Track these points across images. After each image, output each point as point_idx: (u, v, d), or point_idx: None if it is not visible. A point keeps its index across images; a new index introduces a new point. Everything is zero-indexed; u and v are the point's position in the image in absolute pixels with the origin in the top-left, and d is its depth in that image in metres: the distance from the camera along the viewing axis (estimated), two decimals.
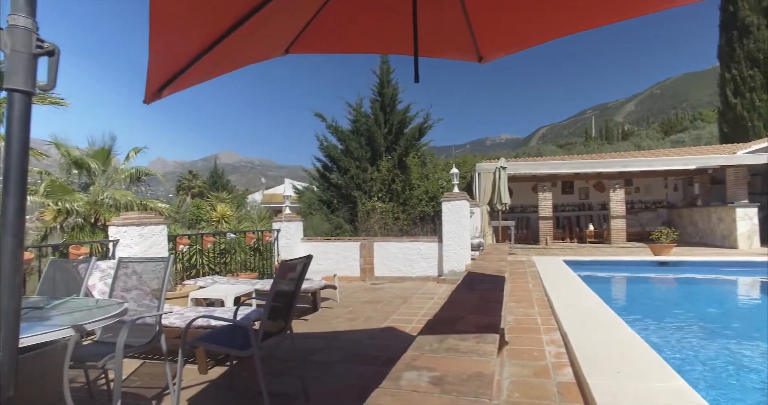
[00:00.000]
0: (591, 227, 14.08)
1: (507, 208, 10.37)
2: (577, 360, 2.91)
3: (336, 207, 13.39)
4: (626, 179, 14.11)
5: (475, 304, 2.46)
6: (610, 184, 12.98)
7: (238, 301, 4.75)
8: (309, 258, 2.97)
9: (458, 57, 2.51)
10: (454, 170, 8.76)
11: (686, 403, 2.22)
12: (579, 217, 15.42)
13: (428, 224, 11.80)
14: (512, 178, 13.40)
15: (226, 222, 11.36)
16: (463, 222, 8.08)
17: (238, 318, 3.34)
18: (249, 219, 12.70)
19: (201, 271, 7.60)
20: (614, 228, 12.83)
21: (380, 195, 12.90)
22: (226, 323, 3.19)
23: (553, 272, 6.90)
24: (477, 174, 11.63)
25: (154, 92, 1.73)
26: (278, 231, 8.99)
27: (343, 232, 12.72)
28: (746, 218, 10.64)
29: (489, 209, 10.56)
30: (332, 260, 8.95)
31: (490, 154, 51.17)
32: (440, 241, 8.29)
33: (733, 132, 18.44)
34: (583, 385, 2.61)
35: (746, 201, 11.04)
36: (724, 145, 15.63)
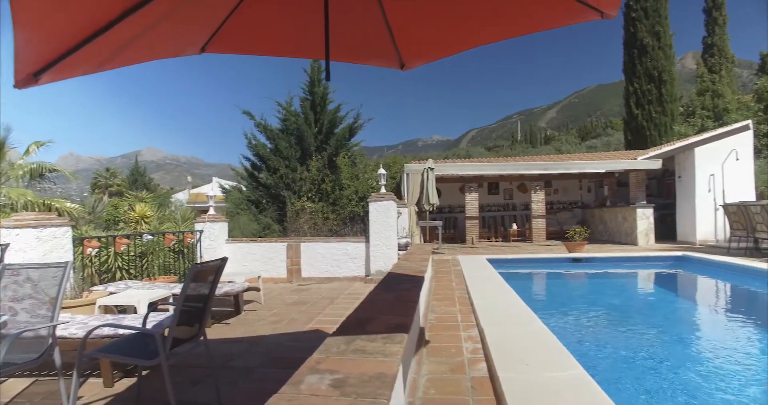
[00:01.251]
0: (514, 227, 14.83)
1: (435, 208, 10.65)
2: (491, 355, 3.05)
3: (264, 207, 13.06)
4: (546, 181, 15.02)
5: (390, 305, 2.50)
6: (532, 186, 13.74)
7: (155, 307, 4.49)
8: (224, 260, 2.87)
9: (380, 64, 2.54)
10: (381, 171, 8.86)
11: (582, 389, 2.41)
12: (504, 217, 16.18)
13: (358, 224, 11.84)
14: (441, 179, 13.79)
15: (146, 223, 10.69)
16: (390, 222, 8.19)
17: (150, 325, 3.16)
18: (172, 219, 12.04)
19: (117, 276, 7.11)
20: (535, 227, 13.60)
21: (310, 195, 12.77)
22: (135, 331, 3.00)
23: (476, 271, 7.18)
24: (405, 174, 11.84)
25: (28, 76, 1.55)
26: (201, 232, 8.61)
27: (271, 232, 12.44)
28: (644, 218, 11.73)
29: (417, 209, 10.80)
30: (258, 261, 8.73)
31: (421, 155, 52.32)
32: (367, 241, 8.35)
33: (636, 140, 20.29)
34: (495, 378, 2.74)
35: (644, 202, 12.17)
36: (628, 151, 17.12)
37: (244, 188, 14.28)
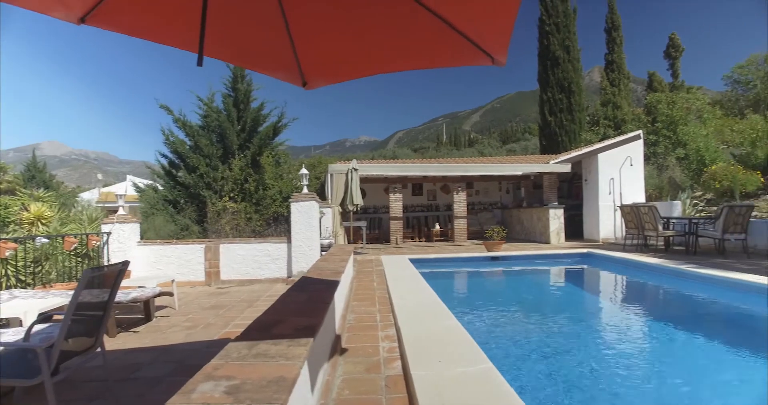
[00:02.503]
0: (437, 227, 15.30)
1: (359, 208, 10.71)
2: (406, 353, 3.12)
3: (183, 207, 12.39)
4: (468, 182, 15.66)
5: (301, 307, 2.48)
6: (454, 187, 14.23)
7: (45, 317, 4.08)
8: (125, 264, 2.69)
9: (283, 78, 2.51)
10: (304, 171, 8.76)
11: (489, 383, 2.53)
12: (427, 218, 16.63)
13: (282, 225, 11.62)
14: (365, 180, 13.89)
15: (43, 224, 9.70)
16: (312, 223, 8.12)
17: (38, 338, 2.88)
18: (77, 221, 11.04)
19: (4, 286, 6.39)
20: (457, 227, 14.11)
21: (232, 195, 12.32)
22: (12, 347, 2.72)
23: (398, 270, 7.32)
24: (329, 175, 11.79)
25: None
26: (108, 234, 8.00)
27: (190, 233, 11.84)
28: (556, 218, 12.62)
29: (341, 210, 10.80)
30: (174, 265, 8.27)
31: (347, 156, 52.37)
32: (289, 241, 8.22)
33: (549, 145, 21.78)
34: (408, 376, 2.80)
35: (556, 203, 13.08)
36: (542, 155, 18.31)
37: (160, 187, 13.44)
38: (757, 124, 14.92)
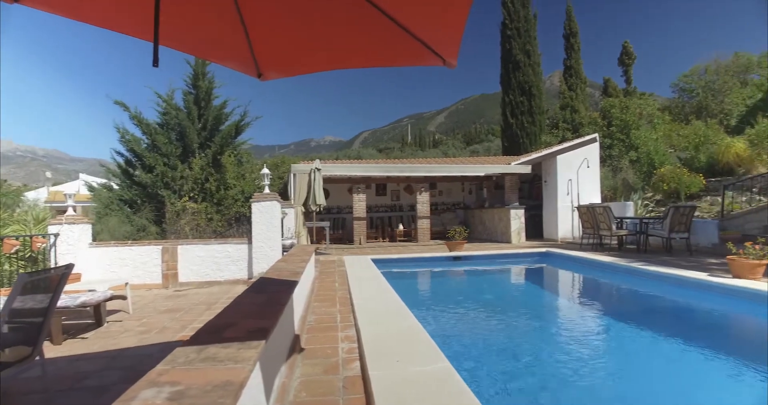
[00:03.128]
0: (401, 227, 15.38)
1: (322, 209, 10.63)
2: (365, 353, 3.12)
3: (140, 207, 11.94)
4: (431, 183, 15.82)
5: (256, 309, 2.43)
6: (418, 187, 14.36)
7: None
8: (68, 267, 2.57)
9: (236, 68, 2.45)
10: (265, 171, 8.61)
11: (445, 381, 2.56)
12: (391, 218, 16.69)
13: (245, 225, 11.38)
14: (329, 180, 13.81)
15: None
16: (273, 223, 7.99)
17: None
18: (21, 222, 10.46)
19: None
20: (420, 227, 14.24)
21: (192, 194, 11.98)
22: None
23: (360, 271, 7.31)
24: (292, 175, 11.65)
25: None
26: (56, 235, 7.61)
27: (148, 234, 11.43)
28: (516, 218, 12.92)
29: (304, 210, 10.68)
30: (129, 267, 7.96)
31: (312, 155, 51.93)
32: (250, 242, 8.07)
33: (511, 146, 22.29)
34: (366, 377, 2.79)
35: (517, 204, 13.40)
36: (504, 156, 18.72)
37: (115, 186, 12.90)
38: (699, 130, 15.80)
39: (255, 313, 2.36)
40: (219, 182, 12.30)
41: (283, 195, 14.20)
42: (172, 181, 12.01)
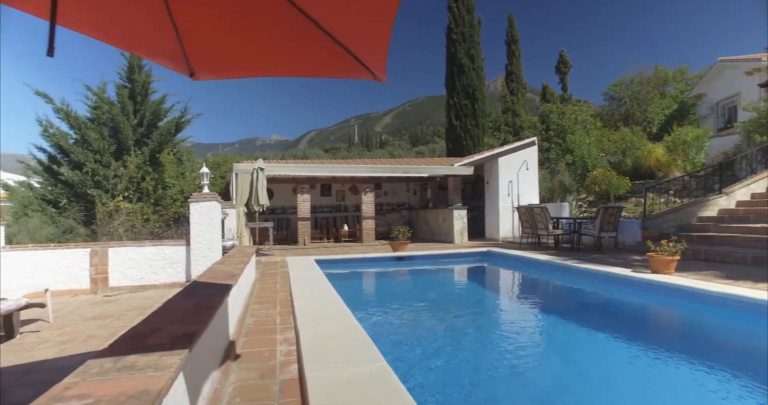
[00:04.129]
0: (345, 227, 15.34)
1: (265, 209, 10.40)
2: (303, 355, 3.08)
3: (66, 207, 11.13)
4: (376, 183, 15.90)
5: (184, 313, 2.33)
6: (363, 188, 14.39)
7: None
8: None
9: (167, 65, 2.36)
10: (204, 170, 8.31)
11: (382, 382, 2.56)
12: (335, 218, 16.61)
13: (184, 226, 10.91)
14: (273, 180, 13.55)
15: None
16: (213, 224, 7.72)
17: None
18: None
19: None
20: (365, 228, 14.27)
21: (127, 194, 11.34)
22: None
23: (303, 272, 7.22)
24: (234, 174, 11.31)
25: None
26: None
27: (75, 236, 10.70)
28: (459, 218, 13.24)
29: (246, 210, 10.40)
30: (52, 272, 7.39)
31: (257, 154, 50.73)
32: (188, 244, 7.75)
33: (455, 148, 22.85)
34: (303, 379, 2.75)
35: (460, 204, 13.74)
36: (449, 158, 19.14)
37: (36, 184, 11.96)
38: (626, 136, 16.95)
39: (183, 317, 2.26)
40: (156, 181, 11.74)
41: (226, 195, 13.77)
42: (104, 179, 11.31)
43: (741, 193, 10.48)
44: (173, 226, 11.26)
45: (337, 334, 3.61)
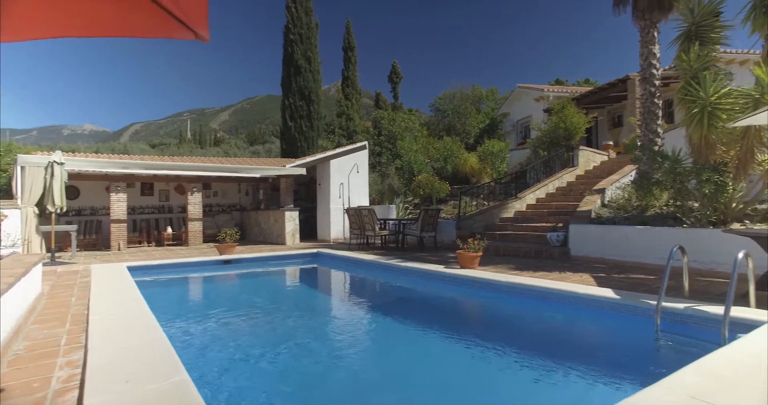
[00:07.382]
0: (169, 230, 14.03)
1: (62, 210, 8.88)
2: (87, 379, 2.72)
3: None
4: (205, 183, 14.87)
5: None
6: (190, 187, 13.35)
7: None
8: None
9: None
10: None
11: (180, 397, 2.41)
12: (158, 220, 15.06)
13: None
14: (80, 176, 11.71)
15: None
16: None
17: None
18: None
19: None
20: (192, 230, 13.27)
21: None
22: None
23: (109, 282, 6.38)
24: (20, 168, 9.39)
25: None
26: None
27: None
28: (291, 220, 13.20)
29: (38, 211, 8.71)
30: None
31: (62, 145, 43.35)
32: None
33: (290, 149, 22.73)
34: None
35: (292, 205, 13.70)
36: (283, 159, 18.92)
37: None
38: (448, 145, 18.99)
39: None
40: None
41: (9, 192, 11.34)
42: None
43: (530, 197, 12.68)
44: None
45: (136, 349, 3.29)
